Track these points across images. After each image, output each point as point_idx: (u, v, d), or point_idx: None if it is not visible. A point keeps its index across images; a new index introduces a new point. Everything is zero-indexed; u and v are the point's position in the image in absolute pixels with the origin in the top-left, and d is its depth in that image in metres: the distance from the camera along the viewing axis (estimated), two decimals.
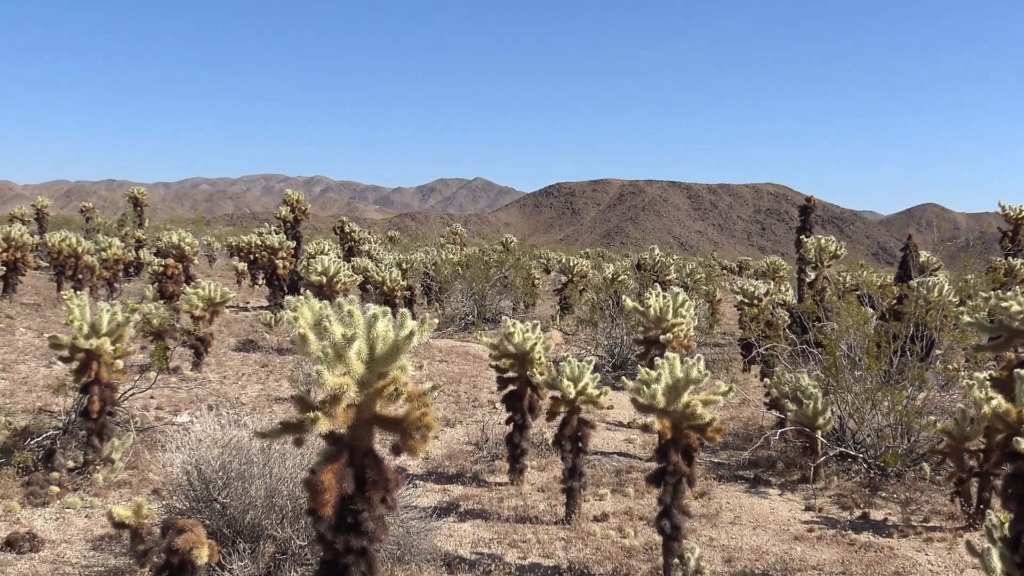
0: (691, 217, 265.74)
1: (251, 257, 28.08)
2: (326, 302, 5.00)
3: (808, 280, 22.53)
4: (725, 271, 49.40)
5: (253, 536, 6.82)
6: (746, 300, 18.95)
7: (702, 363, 7.13)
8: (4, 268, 22.18)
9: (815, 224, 27.73)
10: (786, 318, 18.97)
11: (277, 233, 27.32)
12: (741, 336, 19.17)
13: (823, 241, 22.34)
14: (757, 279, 27.37)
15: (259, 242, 26.44)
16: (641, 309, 12.29)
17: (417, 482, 9.84)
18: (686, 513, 7.38)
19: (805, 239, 23.68)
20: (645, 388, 7.16)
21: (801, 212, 28.00)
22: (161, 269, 21.45)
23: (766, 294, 19.00)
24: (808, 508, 9.79)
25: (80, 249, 23.95)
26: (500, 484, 10.23)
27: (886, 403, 11.23)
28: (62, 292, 22.82)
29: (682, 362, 7.20)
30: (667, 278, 27.47)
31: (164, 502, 7.83)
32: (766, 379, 13.64)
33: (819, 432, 10.75)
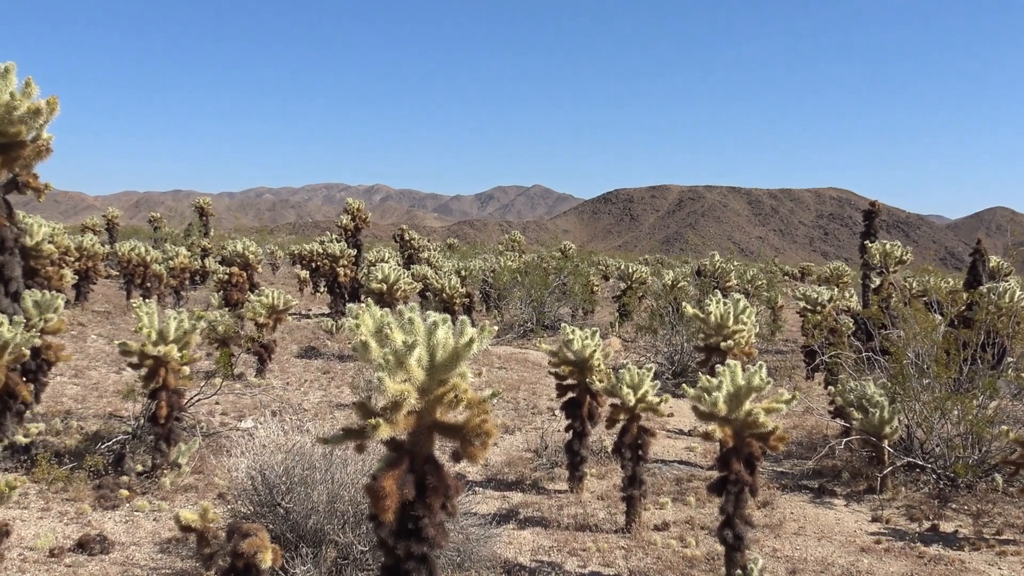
0: (751, 223, 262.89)
1: (313, 265, 28.43)
2: (387, 309, 5.05)
3: (873, 286, 22.14)
4: (787, 277, 48.78)
5: (315, 541, 6.90)
6: (809, 307, 18.68)
7: (764, 370, 7.05)
8: (76, 277, 22.72)
9: (880, 229, 27.28)
10: (850, 325, 18.64)
11: (338, 241, 27.64)
12: (804, 343, 18.90)
13: (888, 246, 21.93)
14: (820, 285, 26.99)
15: (321, 250, 26.78)
16: (702, 316, 12.20)
17: (476, 488, 9.88)
18: (749, 523, 7.29)
19: (870, 244, 23.27)
20: (706, 396, 7.09)
21: (865, 217, 27.57)
22: (226, 277, 21.84)
23: (830, 300, 18.72)
24: (875, 519, 9.60)
25: (149, 258, 24.49)
26: (560, 491, 10.21)
27: (956, 412, 10.98)
28: (131, 300, 23.39)
29: (744, 369, 7.12)
30: (727, 284, 27.23)
31: (229, 506, 7.96)
32: (830, 387, 13.41)
33: (886, 442, 10.54)
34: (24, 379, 9.58)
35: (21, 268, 5.01)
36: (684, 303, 13.74)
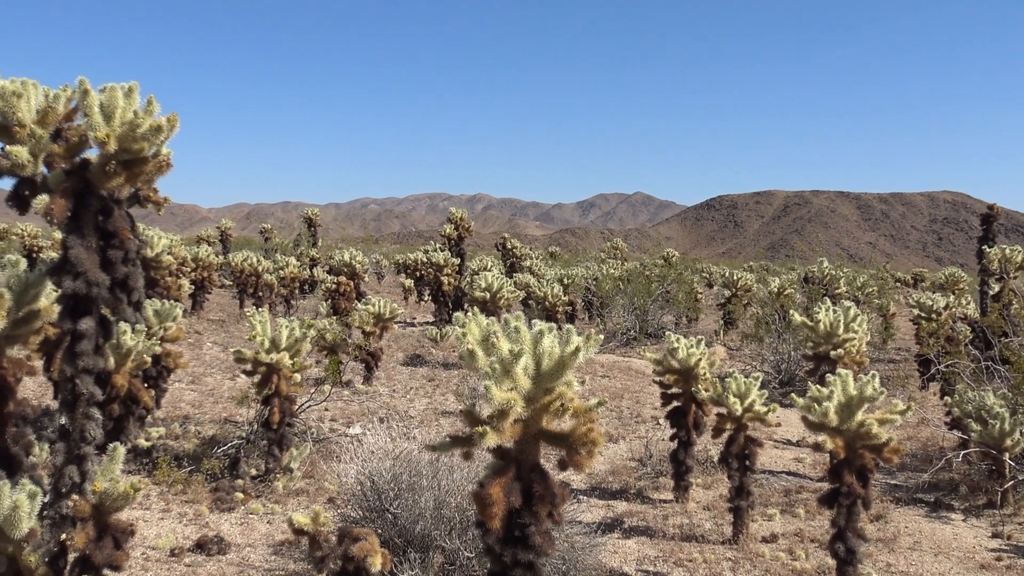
0: (861, 228, 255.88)
1: (417, 274, 28.83)
2: (492, 318, 5.10)
3: (992, 293, 21.30)
4: (899, 284, 47.29)
5: (423, 546, 7.00)
6: (923, 314, 18.09)
7: (877, 380, 6.88)
8: (193, 287, 23.54)
9: (998, 233, 26.22)
10: (968, 333, 18.00)
11: (442, 250, 27.98)
12: (918, 352, 18.30)
13: (1008, 251, 21.07)
14: (935, 292, 26.10)
15: (425, 259, 27.15)
16: (810, 324, 11.95)
17: (581, 497, 9.87)
18: (861, 536, 7.11)
19: (988, 249, 22.39)
20: (816, 406, 6.96)
21: (983, 221, 26.55)
22: (334, 286, 22.33)
23: (945, 308, 18.08)
24: (995, 535, 9.24)
25: (260, 268, 25.24)
26: (664, 501, 10.13)
27: None
28: (244, 309, 24.14)
29: (855, 379, 6.96)
30: (837, 292, 26.54)
31: (339, 510, 8.15)
32: (947, 397, 12.95)
33: (1007, 454, 10.13)
34: (145, 385, 9.99)
35: (143, 279, 5.21)
36: (791, 311, 13.49)
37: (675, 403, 10.09)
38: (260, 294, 25.26)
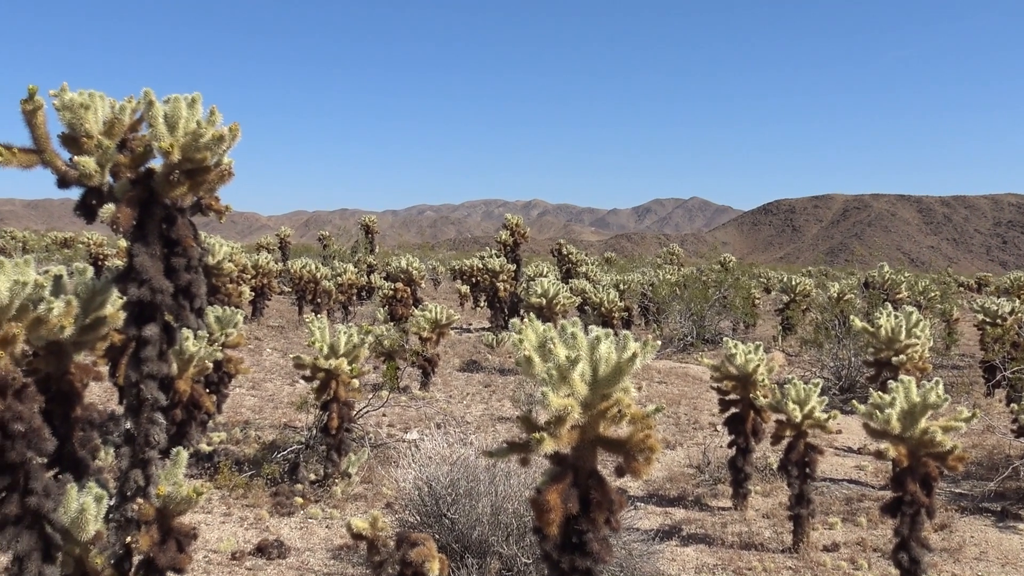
0: (922, 232, 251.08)
1: (473, 280, 28.94)
2: (549, 324, 5.10)
3: None
4: (962, 288, 46.31)
5: (480, 552, 7.01)
6: (988, 319, 17.68)
7: (940, 387, 6.74)
8: (253, 293, 23.90)
9: None
10: None
11: (498, 256, 28.05)
12: (983, 358, 17.89)
13: None
14: (1000, 297, 25.50)
15: (481, 265, 27.23)
16: (871, 329, 11.76)
17: (638, 504, 9.81)
18: (926, 546, 6.97)
19: None
20: (878, 413, 6.84)
21: None
22: (391, 292, 22.51)
23: (1011, 313, 17.65)
24: None
25: (319, 275, 25.53)
26: (723, 508, 10.03)
27: None
28: (303, 315, 24.42)
29: (918, 385, 6.83)
30: (898, 296, 26.08)
31: (397, 516, 8.20)
32: (1013, 404, 12.64)
33: None
34: (207, 391, 10.15)
35: (205, 286, 5.30)
36: (851, 316, 13.28)
37: (733, 409, 9.99)
38: (318, 300, 25.55)
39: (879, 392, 7.06)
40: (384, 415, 13.49)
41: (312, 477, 10.07)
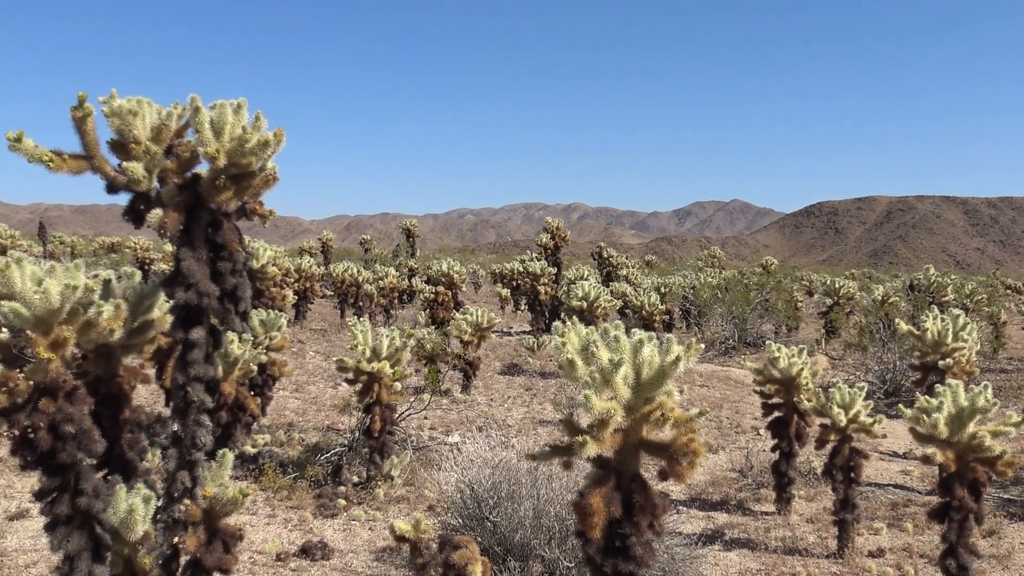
0: (968, 234, 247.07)
1: (514, 283, 28.98)
2: (591, 327, 5.09)
3: None
4: (1009, 291, 45.47)
5: (522, 555, 7.02)
6: None
7: (989, 391, 6.63)
8: (296, 297, 24.10)
9: None
10: None
11: (538, 260, 28.05)
12: None
13: None
14: None
15: (521, 269, 27.25)
16: (917, 333, 11.60)
17: (681, 508, 9.76)
18: (974, 553, 6.86)
19: None
20: (925, 417, 6.74)
21: None
22: (432, 296, 22.61)
23: None
24: None
25: (360, 278, 25.71)
26: (766, 513, 9.94)
27: None
28: (345, 318, 24.60)
29: (966, 389, 6.72)
30: (944, 299, 25.69)
31: (439, 518, 8.23)
32: None
33: None
34: (252, 393, 10.26)
35: (250, 290, 5.36)
36: (896, 319, 13.11)
37: (776, 413, 9.91)
38: (360, 304, 25.73)
39: (926, 396, 6.96)
40: (426, 418, 13.55)
41: (355, 479, 10.13)
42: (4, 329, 4.84)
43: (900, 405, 7.37)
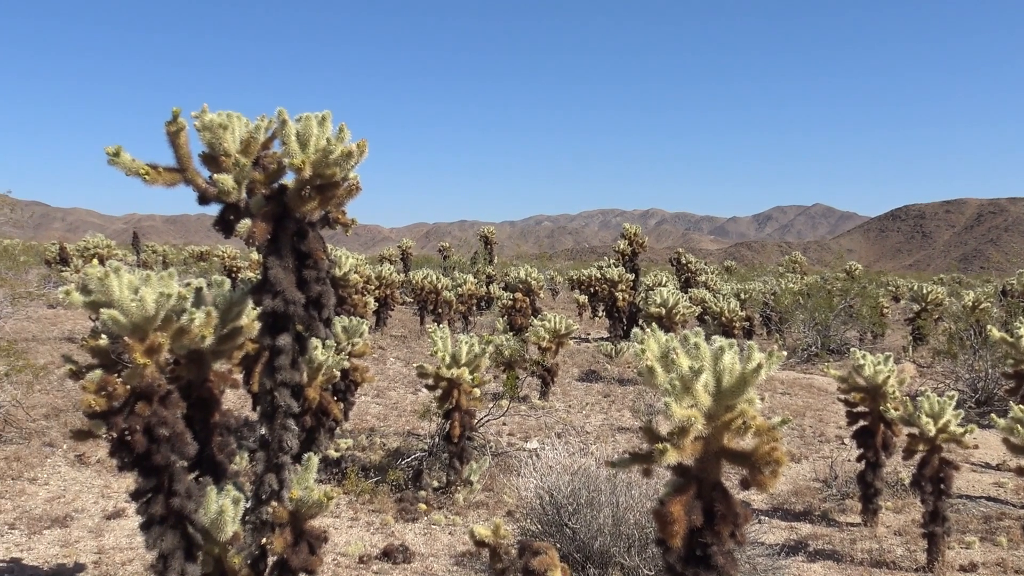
0: None
1: (591, 290, 28.92)
2: (670, 334, 5.08)
3: None
4: None
5: (602, 562, 7.01)
6: None
7: None
8: (377, 304, 24.42)
9: None
10: None
11: (616, 266, 27.95)
12: None
13: None
14: None
15: (599, 275, 27.19)
16: (1010, 340, 11.25)
17: (763, 518, 9.63)
18: None
19: None
20: (1019, 427, 6.55)
21: None
22: (510, 302, 22.70)
23: None
24: None
25: (439, 285, 25.94)
26: (851, 524, 9.74)
27: None
28: (425, 325, 24.86)
29: None
30: None
31: (518, 524, 8.26)
32: None
33: None
34: (335, 398, 10.44)
35: (334, 297, 5.48)
36: (988, 326, 12.74)
37: (861, 422, 9.70)
38: (439, 311, 25.95)
39: (1020, 406, 6.76)
40: (504, 424, 13.61)
41: (435, 484, 10.24)
42: (103, 335, 5.03)
43: (993, 415, 7.18)
